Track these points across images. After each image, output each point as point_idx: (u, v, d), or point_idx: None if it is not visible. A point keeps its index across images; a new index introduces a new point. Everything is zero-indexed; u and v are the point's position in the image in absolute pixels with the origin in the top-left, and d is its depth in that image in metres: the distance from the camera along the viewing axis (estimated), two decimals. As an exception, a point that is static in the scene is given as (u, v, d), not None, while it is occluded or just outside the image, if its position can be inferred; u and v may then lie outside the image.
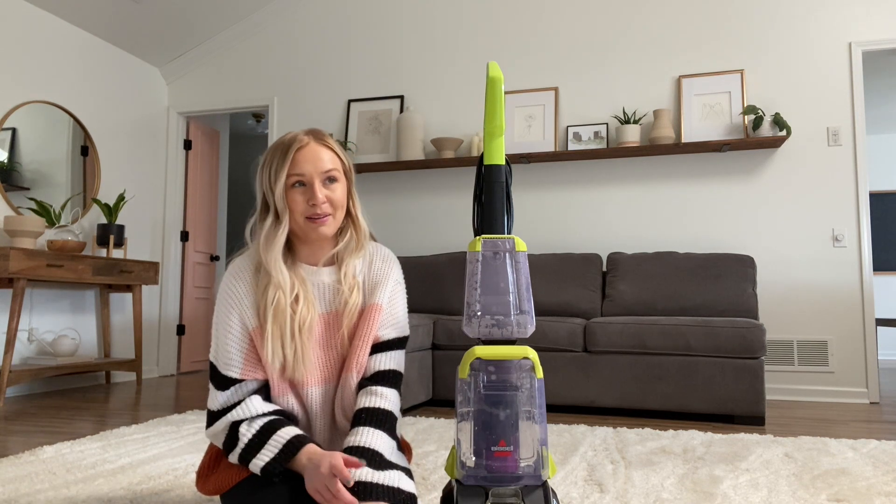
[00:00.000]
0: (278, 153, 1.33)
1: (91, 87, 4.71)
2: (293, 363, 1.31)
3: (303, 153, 1.32)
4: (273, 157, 1.33)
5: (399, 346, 1.42)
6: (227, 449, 1.30)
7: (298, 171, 1.31)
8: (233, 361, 1.32)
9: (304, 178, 1.31)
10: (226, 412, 1.31)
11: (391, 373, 1.38)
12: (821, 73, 4.10)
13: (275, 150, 1.34)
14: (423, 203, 4.74)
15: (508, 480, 1.14)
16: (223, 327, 1.34)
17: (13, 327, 3.71)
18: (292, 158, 1.31)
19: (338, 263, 1.41)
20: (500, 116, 1.26)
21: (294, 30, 5.17)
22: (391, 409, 1.34)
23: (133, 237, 4.96)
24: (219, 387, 1.33)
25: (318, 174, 1.32)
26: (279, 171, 1.31)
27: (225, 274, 1.39)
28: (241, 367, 1.33)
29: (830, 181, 4.03)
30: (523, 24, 4.65)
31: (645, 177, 4.33)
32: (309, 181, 1.32)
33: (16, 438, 2.71)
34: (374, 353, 1.38)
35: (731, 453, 2.39)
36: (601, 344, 3.41)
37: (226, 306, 1.34)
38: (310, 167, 1.31)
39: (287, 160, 1.31)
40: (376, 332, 1.38)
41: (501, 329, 1.20)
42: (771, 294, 4.05)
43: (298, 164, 1.31)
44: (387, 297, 1.41)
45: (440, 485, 1.94)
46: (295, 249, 1.39)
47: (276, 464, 1.23)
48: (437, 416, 3.26)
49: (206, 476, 1.40)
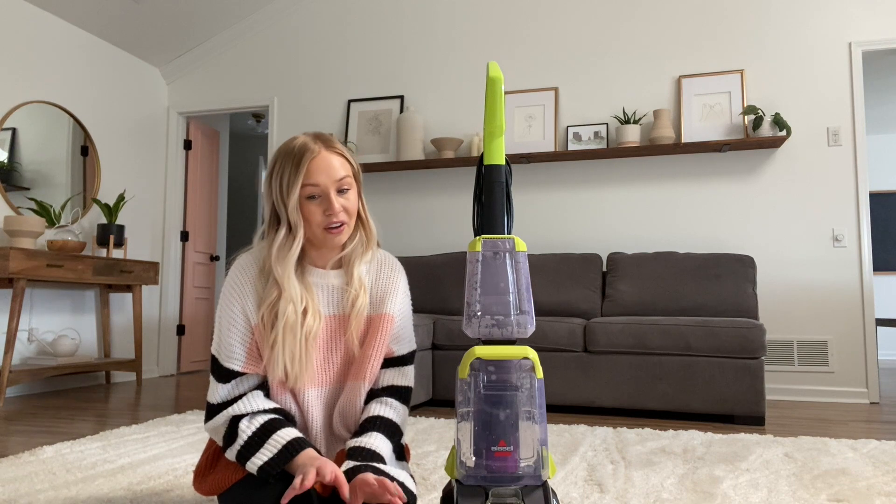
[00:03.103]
0: (289, 164, 1.29)
1: (91, 87, 4.71)
2: (296, 374, 1.31)
3: (315, 163, 1.29)
4: (283, 168, 1.30)
5: (412, 360, 1.45)
6: (225, 444, 1.29)
7: (313, 182, 1.28)
8: (235, 354, 1.32)
9: (319, 189, 1.29)
10: (226, 406, 1.30)
11: (404, 389, 1.41)
12: (821, 73, 4.10)
13: (284, 160, 1.30)
14: (423, 203, 4.74)
15: (508, 480, 1.14)
16: (226, 320, 1.34)
17: (13, 327, 3.71)
18: (306, 169, 1.28)
19: (346, 266, 1.40)
20: (500, 116, 1.26)
21: (294, 30, 5.17)
22: (400, 423, 1.36)
23: (133, 237, 4.96)
24: (220, 379, 1.32)
25: (333, 184, 1.30)
26: (292, 183, 1.28)
27: (230, 269, 1.38)
28: (243, 361, 1.32)
29: (830, 181, 4.03)
30: (523, 24, 4.65)
31: (645, 177, 4.33)
32: (324, 192, 1.30)
33: (16, 438, 2.71)
34: (389, 366, 1.40)
35: (731, 453, 2.39)
36: (601, 344, 3.41)
37: (230, 300, 1.34)
38: (324, 178, 1.29)
39: (300, 172, 1.28)
40: (388, 343, 1.39)
41: (501, 329, 1.20)
42: (771, 294, 4.05)
43: (312, 175, 1.28)
44: (398, 309, 1.42)
45: (440, 485, 1.94)
46: (304, 252, 1.38)
47: (273, 465, 1.23)
48: (437, 416, 3.26)
49: (204, 476, 1.40)
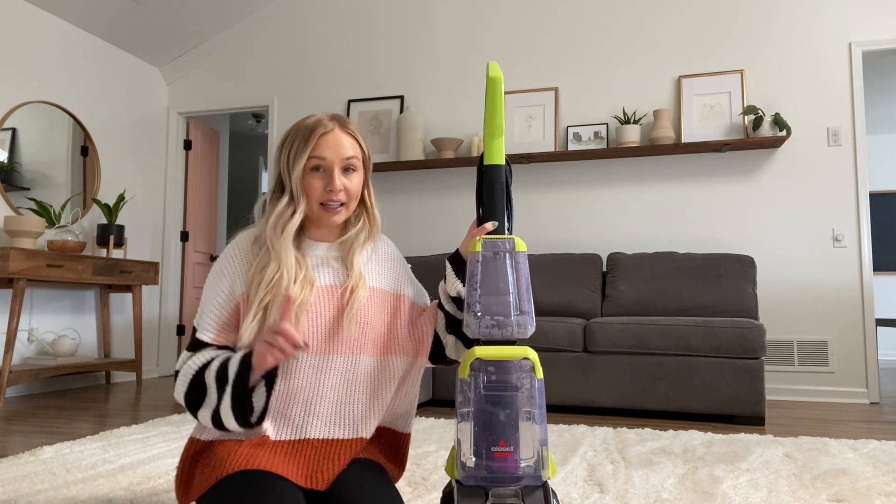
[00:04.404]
0: (300, 135, 1.31)
1: (91, 87, 4.71)
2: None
3: (326, 138, 1.30)
4: (295, 139, 1.32)
5: None
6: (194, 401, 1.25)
7: (319, 155, 1.30)
8: (209, 326, 1.30)
9: (325, 162, 1.31)
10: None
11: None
12: (821, 73, 4.10)
13: (297, 131, 1.32)
14: (423, 203, 4.74)
15: (508, 481, 1.14)
16: (210, 292, 1.33)
17: (13, 327, 3.71)
18: (315, 142, 1.30)
19: (345, 252, 1.38)
20: (501, 117, 1.26)
21: (294, 30, 5.17)
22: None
23: (133, 237, 4.96)
24: (189, 349, 1.31)
25: (339, 161, 1.31)
26: (300, 153, 1.30)
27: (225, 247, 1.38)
28: (215, 332, 1.30)
29: (830, 181, 4.03)
30: (523, 24, 4.65)
31: (645, 177, 4.33)
32: (328, 167, 1.31)
33: (16, 438, 2.71)
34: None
35: (731, 453, 2.39)
36: (601, 344, 3.40)
37: (218, 272, 1.34)
38: (331, 153, 1.30)
39: (309, 143, 1.29)
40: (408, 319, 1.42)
41: (501, 329, 1.20)
42: (771, 294, 4.05)
43: (320, 148, 1.30)
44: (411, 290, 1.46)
45: (440, 485, 1.94)
46: (303, 228, 1.37)
47: (241, 382, 1.19)
48: (437, 417, 3.26)
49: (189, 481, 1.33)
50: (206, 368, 1.25)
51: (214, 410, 1.23)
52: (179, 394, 1.28)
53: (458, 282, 1.36)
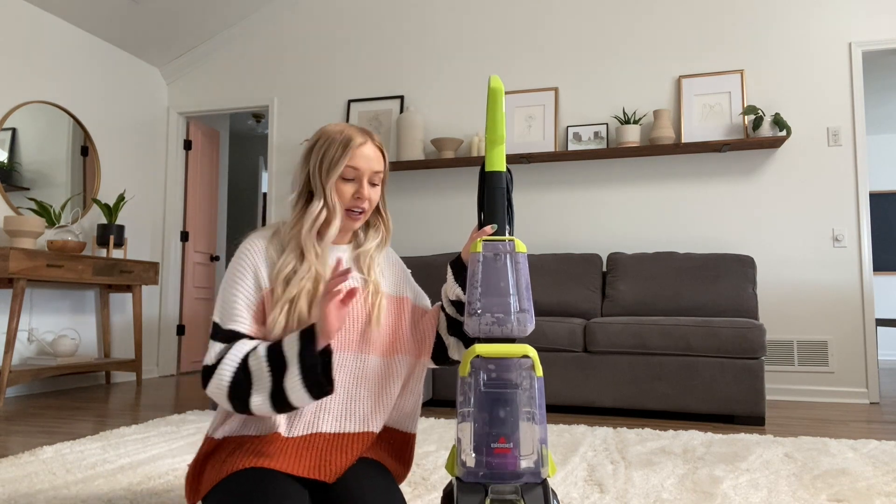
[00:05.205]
0: (339, 144, 1.37)
1: (91, 87, 4.72)
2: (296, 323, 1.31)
3: (362, 150, 1.38)
4: (330, 146, 1.38)
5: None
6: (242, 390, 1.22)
7: (355, 165, 1.37)
8: (240, 317, 1.30)
9: (357, 173, 1.38)
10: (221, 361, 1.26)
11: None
12: (821, 73, 4.10)
13: (332, 138, 1.38)
14: (423, 203, 4.74)
15: (508, 478, 1.15)
16: (234, 287, 1.32)
17: (13, 327, 3.71)
18: (352, 153, 1.37)
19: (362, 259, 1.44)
20: (501, 126, 1.31)
21: (294, 30, 5.17)
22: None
23: (133, 237, 4.96)
24: (220, 340, 1.28)
25: (369, 173, 1.39)
26: (337, 162, 1.36)
27: (240, 245, 1.40)
28: (248, 323, 1.30)
29: (830, 181, 4.03)
30: (523, 24, 4.65)
31: (645, 177, 4.33)
32: (359, 178, 1.39)
33: (16, 438, 2.71)
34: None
35: (731, 453, 2.39)
36: (601, 344, 3.40)
37: (241, 269, 1.34)
38: (364, 164, 1.38)
39: (347, 153, 1.36)
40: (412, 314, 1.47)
41: (501, 327, 1.21)
42: (771, 294, 4.05)
43: (356, 159, 1.37)
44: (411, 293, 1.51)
45: (440, 485, 1.94)
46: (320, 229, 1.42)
47: (309, 353, 1.20)
48: (437, 417, 3.26)
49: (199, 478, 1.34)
50: (251, 355, 1.25)
51: (273, 391, 1.21)
52: (221, 385, 1.24)
53: (458, 286, 1.42)
